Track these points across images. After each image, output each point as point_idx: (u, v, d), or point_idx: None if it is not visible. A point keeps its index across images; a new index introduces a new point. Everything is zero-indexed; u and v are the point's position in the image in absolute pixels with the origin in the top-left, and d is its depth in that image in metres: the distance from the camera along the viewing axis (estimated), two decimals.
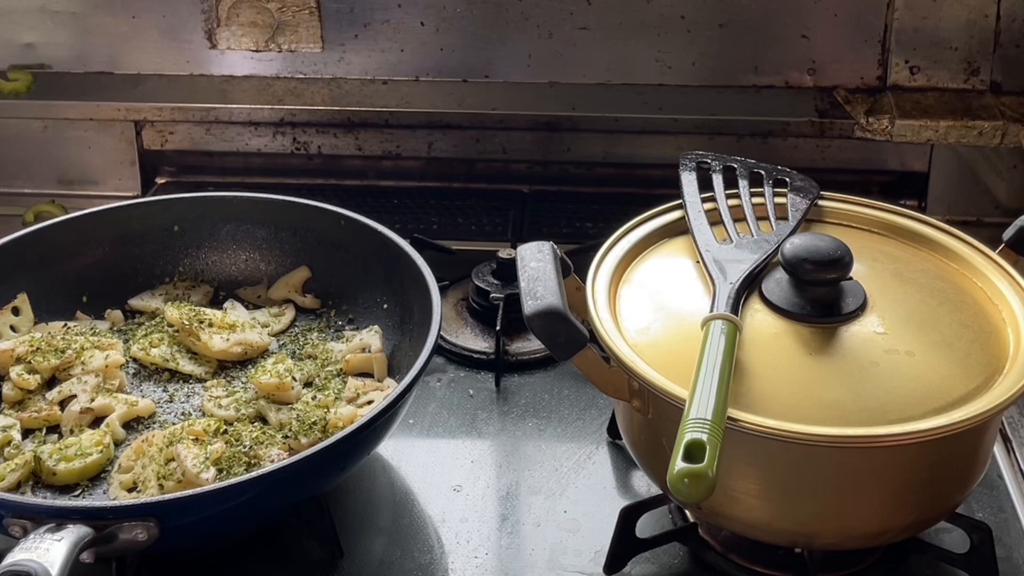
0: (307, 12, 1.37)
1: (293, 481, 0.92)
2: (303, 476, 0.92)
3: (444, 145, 1.40)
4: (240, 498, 0.90)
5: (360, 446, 0.97)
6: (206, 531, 0.94)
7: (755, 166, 1.07)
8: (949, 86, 1.37)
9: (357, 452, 0.98)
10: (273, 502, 0.94)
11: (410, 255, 1.10)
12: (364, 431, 0.94)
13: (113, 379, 1.09)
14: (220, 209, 1.20)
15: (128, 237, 1.19)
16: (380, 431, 0.98)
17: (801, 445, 0.83)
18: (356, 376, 1.09)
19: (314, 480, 0.94)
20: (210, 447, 0.98)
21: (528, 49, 1.38)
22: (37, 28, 1.40)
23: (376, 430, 0.96)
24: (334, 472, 0.96)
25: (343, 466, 0.97)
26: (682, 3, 1.35)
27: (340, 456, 0.94)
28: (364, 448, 0.98)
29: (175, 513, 0.88)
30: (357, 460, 0.99)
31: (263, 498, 0.91)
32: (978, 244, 0.99)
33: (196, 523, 0.91)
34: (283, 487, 0.92)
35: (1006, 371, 0.89)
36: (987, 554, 0.94)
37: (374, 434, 0.97)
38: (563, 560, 0.97)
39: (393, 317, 1.13)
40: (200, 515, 0.90)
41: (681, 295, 0.96)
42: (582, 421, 1.12)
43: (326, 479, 0.96)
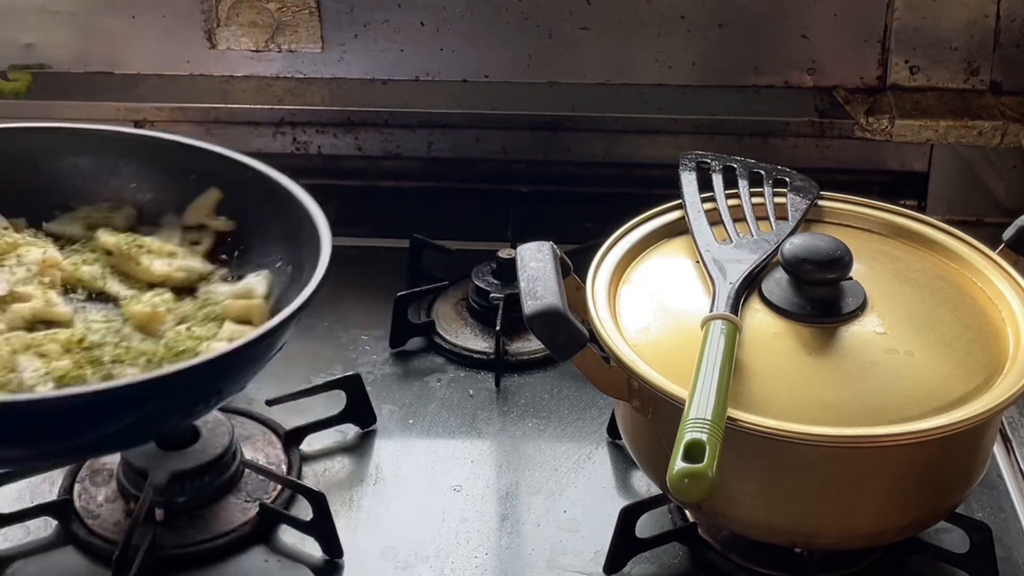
0: (307, 12, 1.37)
1: (115, 404, 0.88)
2: (130, 401, 0.88)
3: (444, 145, 1.40)
4: (46, 416, 0.86)
5: (210, 380, 0.92)
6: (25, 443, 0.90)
7: (755, 166, 1.07)
8: (949, 86, 1.37)
9: (205, 386, 0.93)
10: (95, 426, 0.89)
11: (308, 209, 1.05)
12: (226, 360, 0.90)
13: (45, 276, 1.05)
14: (119, 145, 1.16)
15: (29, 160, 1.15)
16: (241, 367, 0.93)
17: (801, 445, 0.83)
18: (236, 323, 1.04)
19: (144, 409, 0.90)
20: (56, 363, 0.95)
21: (528, 49, 1.38)
22: (37, 28, 1.40)
23: (237, 364, 0.92)
24: (171, 407, 0.92)
25: (186, 402, 0.92)
26: (682, 3, 1.35)
27: (186, 386, 0.90)
28: (214, 383, 0.93)
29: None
30: (202, 398, 0.94)
31: (86, 419, 0.88)
32: (978, 244, 0.99)
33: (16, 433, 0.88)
34: (107, 409, 0.88)
35: (1006, 371, 0.89)
36: (987, 554, 0.94)
37: (232, 368, 0.93)
38: (563, 560, 0.97)
39: (284, 272, 1.08)
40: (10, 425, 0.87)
41: (681, 295, 0.96)
42: (582, 421, 1.12)
43: (161, 412, 0.92)
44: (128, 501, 1.01)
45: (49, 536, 1.00)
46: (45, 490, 1.04)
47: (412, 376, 1.18)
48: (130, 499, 1.01)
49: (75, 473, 1.05)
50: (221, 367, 0.92)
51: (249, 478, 1.04)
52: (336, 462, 1.08)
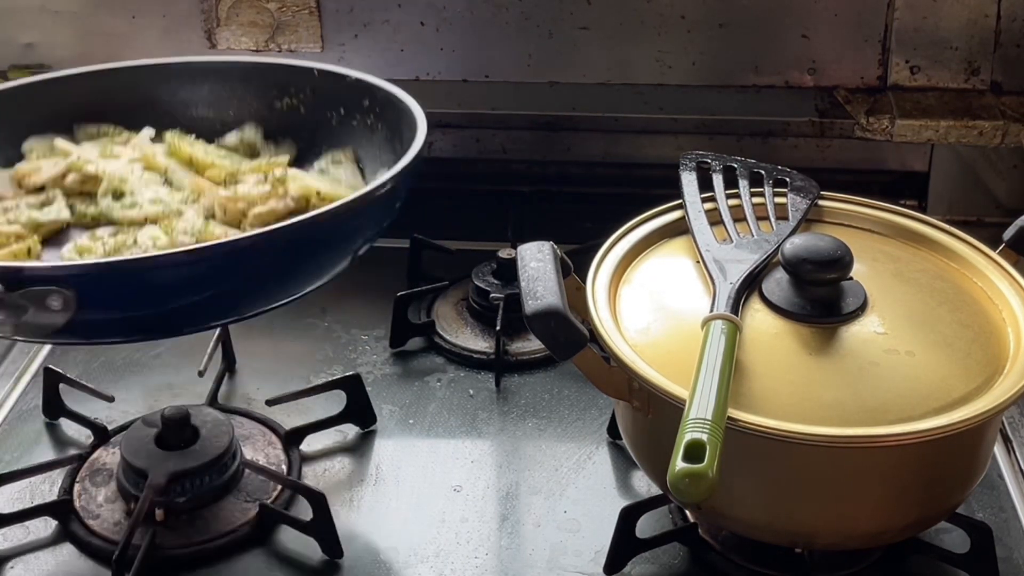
0: (307, 12, 1.37)
1: (232, 262, 0.89)
2: (256, 254, 0.89)
3: (444, 145, 1.40)
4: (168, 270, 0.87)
5: (351, 224, 0.95)
6: (135, 306, 0.90)
7: (755, 166, 1.07)
8: (949, 86, 1.37)
9: (345, 231, 0.95)
10: (206, 284, 0.90)
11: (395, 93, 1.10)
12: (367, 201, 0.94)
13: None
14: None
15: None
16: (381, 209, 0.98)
17: (801, 445, 0.83)
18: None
19: (267, 266, 0.91)
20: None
21: (528, 49, 1.38)
22: (37, 28, 1.40)
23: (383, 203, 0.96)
24: (299, 259, 0.93)
25: (313, 250, 0.94)
26: (682, 3, 1.35)
27: (315, 235, 0.92)
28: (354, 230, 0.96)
29: (95, 280, 0.85)
30: (336, 246, 0.96)
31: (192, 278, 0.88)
32: (978, 244, 0.99)
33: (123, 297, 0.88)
34: (224, 266, 0.89)
35: (1006, 371, 0.89)
36: (987, 554, 0.94)
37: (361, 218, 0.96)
38: (563, 560, 0.97)
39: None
40: (124, 287, 0.87)
41: (681, 295, 0.96)
42: (582, 421, 1.12)
43: (289, 266, 0.93)
44: (128, 501, 1.01)
45: (49, 536, 1.00)
46: (45, 490, 1.04)
47: (412, 376, 1.18)
48: (130, 499, 1.01)
49: (75, 473, 1.05)
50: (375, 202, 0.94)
51: (249, 478, 1.04)
52: (336, 462, 1.08)
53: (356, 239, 0.98)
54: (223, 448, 1.02)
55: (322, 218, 0.91)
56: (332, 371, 1.17)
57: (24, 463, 1.07)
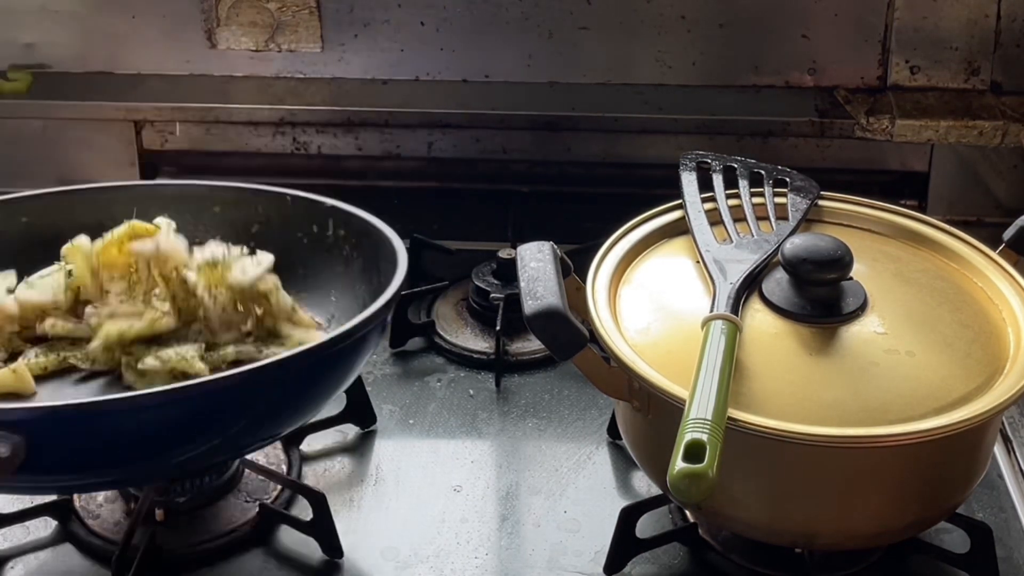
0: (307, 12, 1.37)
1: (203, 403, 0.86)
2: (228, 398, 0.87)
3: (444, 145, 1.40)
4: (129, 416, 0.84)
5: (310, 375, 0.92)
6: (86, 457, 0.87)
7: (755, 166, 1.07)
8: (949, 86, 1.37)
9: (305, 382, 0.92)
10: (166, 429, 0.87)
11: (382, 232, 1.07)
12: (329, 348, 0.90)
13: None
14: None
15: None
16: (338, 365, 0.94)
17: (801, 445, 0.83)
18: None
19: (233, 410, 0.89)
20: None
21: (528, 49, 1.38)
22: (37, 28, 1.40)
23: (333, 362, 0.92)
24: (262, 407, 0.91)
25: (278, 397, 0.91)
26: (682, 3, 1.35)
27: (285, 379, 0.89)
28: (312, 385, 0.93)
29: (48, 426, 0.82)
30: (294, 400, 0.93)
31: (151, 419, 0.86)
32: (978, 244, 0.99)
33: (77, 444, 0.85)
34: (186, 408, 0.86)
35: (1006, 371, 0.89)
36: (987, 554, 0.94)
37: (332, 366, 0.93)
38: (563, 560, 0.97)
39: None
40: (78, 432, 0.84)
41: (681, 295, 0.96)
42: (582, 421, 1.12)
43: (260, 411, 0.91)
44: (128, 501, 1.01)
45: (49, 536, 1.00)
46: None
47: (412, 376, 1.18)
48: (130, 499, 1.01)
49: None
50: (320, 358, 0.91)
51: (249, 478, 1.04)
52: (336, 462, 1.08)
53: (321, 394, 0.96)
54: None
55: (266, 371, 0.88)
56: None
57: None
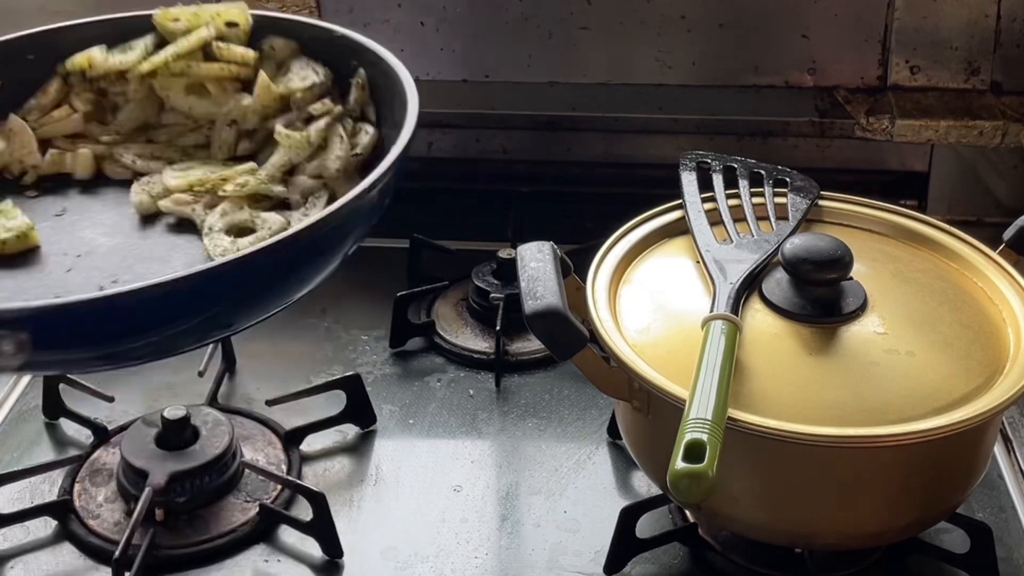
0: (307, 12, 1.37)
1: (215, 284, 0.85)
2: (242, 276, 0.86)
3: (444, 145, 1.40)
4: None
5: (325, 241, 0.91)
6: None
7: (755, 166, 1.07)
8: (949, 86, 1.37)
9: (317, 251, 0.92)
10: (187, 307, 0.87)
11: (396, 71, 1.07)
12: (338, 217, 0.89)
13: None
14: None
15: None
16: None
17: (801, 445, 0.83)
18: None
19: (248, 287, 0.89)
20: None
21: (528, 49, 1.38)
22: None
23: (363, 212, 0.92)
24: (279, 277, 0.90)
25: (289, 271, 0.91)
26: (682, 3, 1.35)
27: (300, 253, 0.89)
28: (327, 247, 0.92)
29: (48, 322, 0.81)
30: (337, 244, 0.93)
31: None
32: (978, 244, 0.99)
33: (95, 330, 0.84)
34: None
35: (1006, 371, 0.89)
36: (987, 554, 0.94)
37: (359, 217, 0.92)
38: (563, 560, 0.97)
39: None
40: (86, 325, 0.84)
41: (681, 295, 0.96)
42: (582, 421, 1.12)
43: (271, 284, 0.90)
44: (128, 501, 1.01)
45: (49, 536, 1.00)
46: (45, 490, 1.04)
47: (412, 376, 1.18)
48: (130, 499, 1.01)
49: (75, 473, 1.05)
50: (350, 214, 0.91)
51: (249, 478, 1.04)
52: (336, 462, 1.08)
53: (345, 242, 0.96)
54: (223, 448, 1.02)
55: (302, 235, 0.88)
56: (332, 371, 1.17)
57: (24, 463, 1.07)
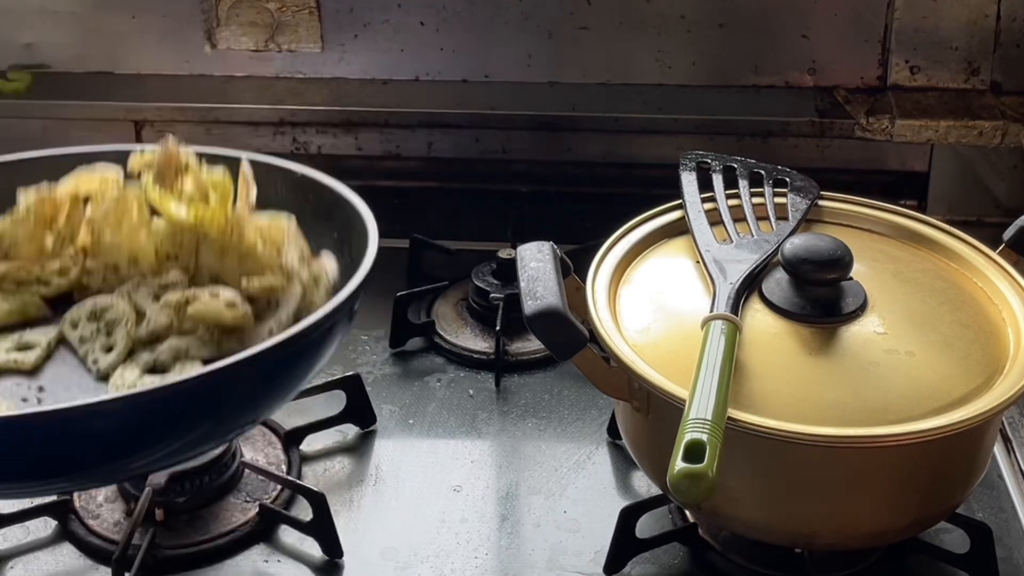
0: (307, 12, 1.37)
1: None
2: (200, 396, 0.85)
3: (444, 145, 1.40)
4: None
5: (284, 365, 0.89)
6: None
7: (755, 166, 1.07)
8: (949, 86, 1.37)
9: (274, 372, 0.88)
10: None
11: (356, 207, 1.02)
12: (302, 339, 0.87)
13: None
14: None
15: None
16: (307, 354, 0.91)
17: (801, 445, 0.83)
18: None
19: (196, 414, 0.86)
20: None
21: (528, 49, 1.38)
22: (37, 28, 1.40)
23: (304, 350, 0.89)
24: (224, 406, 0.88)
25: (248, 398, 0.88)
26: (682, 3, 1.35)
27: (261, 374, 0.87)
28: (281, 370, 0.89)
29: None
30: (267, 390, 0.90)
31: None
32: (978, 244, 0.99)
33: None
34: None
35: (1006, 371, 0.89)
36: (987, 554, 0.94)
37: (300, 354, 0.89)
38: (563, 560, 0.97)
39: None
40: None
41: (681, 295, 0.96)
42: (582, 421, 1.12)
43: (215, 412, 0.88)
44: (128, 501, 1.01)
45: (49, 536, 1.00)
46: None
47: (412, 376, 1.18)
48: (130, 499, 1.01)
49: None
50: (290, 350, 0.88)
51: (249, 478, 1.04)
52: (336, 462, 1.08)
53: (291, 381, 0.93)
54: (223, 448, 1.02)
55: (231, 369, 0.84)
56: (332, 371, 1.17)
57: None
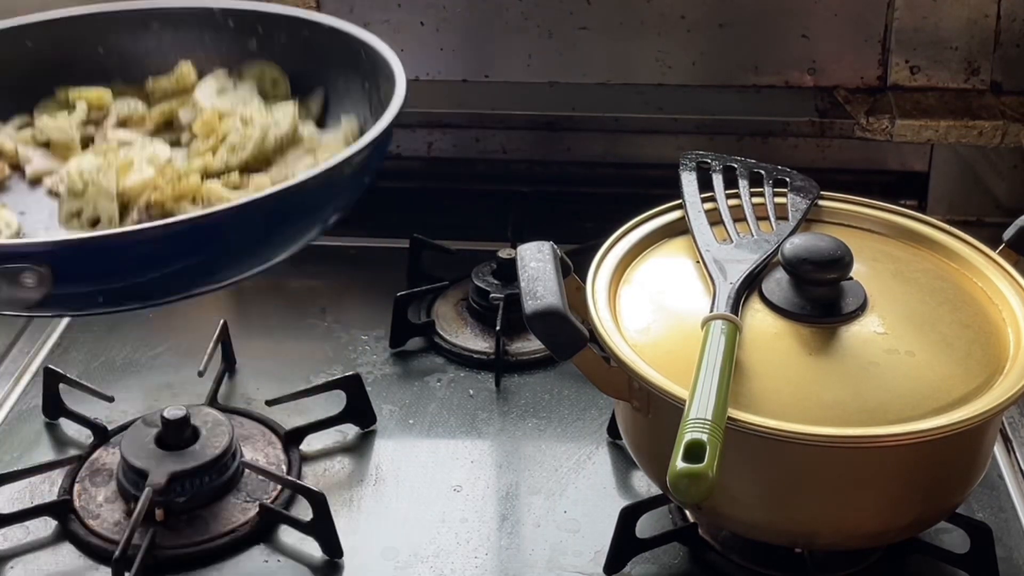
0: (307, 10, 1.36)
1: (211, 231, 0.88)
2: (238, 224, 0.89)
3: (444, 145, 1.40)
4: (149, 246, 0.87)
5: (318, 196, 0.94)
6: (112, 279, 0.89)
7: (755, 166, 1.07)
8: (949, 86, 1.37)
9: (310, 202, 0.94)
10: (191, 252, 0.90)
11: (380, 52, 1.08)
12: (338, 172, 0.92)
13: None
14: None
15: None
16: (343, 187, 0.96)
17: (801, 445, 0.83)
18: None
19: (246, 233, 0.91)
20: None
21: (528, 49, 1.38)
22: None
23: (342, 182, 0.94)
24: (272, 229, 0.93)
25: (285, 220, 0.93)
26: (682, 3, 1.35)
27: (291, 204, 0.92)
28: (315, 202, 0.95)
29: (70, 256, 0.85)
30: (304, 218, 0.95)
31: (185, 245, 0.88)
32: (978, 244, 0.99)
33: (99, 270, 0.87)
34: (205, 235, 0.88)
35: (1006, 371, 0.89)
36: (987, 554, 0.94)
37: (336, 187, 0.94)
38: (563, 560, 0.97)
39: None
40: (104, 262, 0.87)
41: (681, 295, 0.96)
42: (582, 421, 1.12)
43: (264, 235, 0.93)
44: (128, 501, 1.01)
45: (49, 536, 1.00)
46: (45, 490, 1.04)
47: (412, 376, 1.18)
48: (130, 499, 1.01)
49: (75, 473, 1.05)
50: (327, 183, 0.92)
51: (249, 478, 1.04)
52: (336, 462, 1.08)
53: (331, 206, 0.97)
54: (223, 448, 1.02)
55: (293, 190, 0.90)
56: (332, 371, 1.17)
57: (24, 463, 1.07)
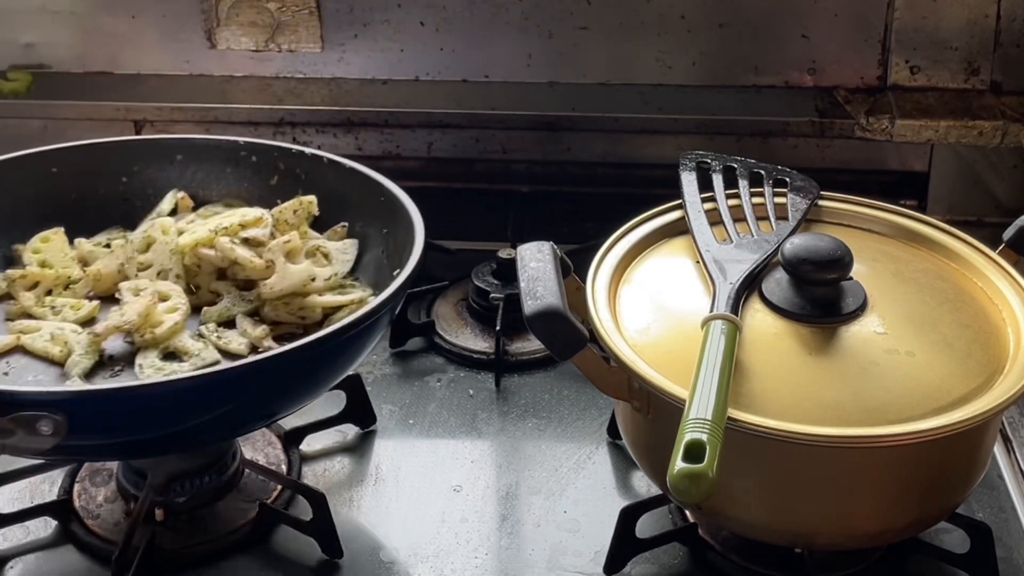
0: (307, 12, 1.37)
1: (231, 384, 0.88)
2: (250, 379, 0.89)
3: (444, 145, 1.40)
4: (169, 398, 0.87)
5: (336, 352, 0.94)
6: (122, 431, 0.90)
7: (755, 166, 1.07)
8: (949, 86, 1.37)
9: (330, 358, 0.94)
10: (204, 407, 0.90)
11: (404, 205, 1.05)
12: (355, 328, 0.91)
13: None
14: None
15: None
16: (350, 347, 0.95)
17: (801, 445, 0.83)
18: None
19: (256, 387, 0.91)
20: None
21: (528, 49, 1.38)
22: (37, 28, 1.40)
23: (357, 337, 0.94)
24: (296, 380, 0.93)
25: (308, 373, 0.93)
26: (682, 3, 1.35)
27: (313, 358, 0.92)
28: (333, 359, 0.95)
29: (87, 407, 0.85)
30: (323, 374, 0.95)
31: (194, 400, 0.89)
32: (978, 244, 0.99)
33: (113, 422, 0.88)
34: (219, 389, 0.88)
35: (1006, 371, 0.89)
36: (987, 554, 0.94)
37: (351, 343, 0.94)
38: (563, 560, 0.97)
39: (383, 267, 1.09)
40: (120, 412, 0.87)
41: (681, 295, 0.96)
42: (582, 421, 1.12)
43: (288, 386, 0.93)
44: (128, 501, 1.01)
45: (49, 536, 1.00)
46: (45, 490, 1.04)
47: (412, 376, 1.18)
48: (130, 499, 1.01)
49: (75, 473, 1.05)
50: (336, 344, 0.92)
51: (249, 478, 1.04)
52: (336, 462, 1.08)
53: (354, 357, 0.98)
54: (223, 448, 1.02)
55: (317, 343, 0.90)
56: None
57: (24, 463, 1.06)
